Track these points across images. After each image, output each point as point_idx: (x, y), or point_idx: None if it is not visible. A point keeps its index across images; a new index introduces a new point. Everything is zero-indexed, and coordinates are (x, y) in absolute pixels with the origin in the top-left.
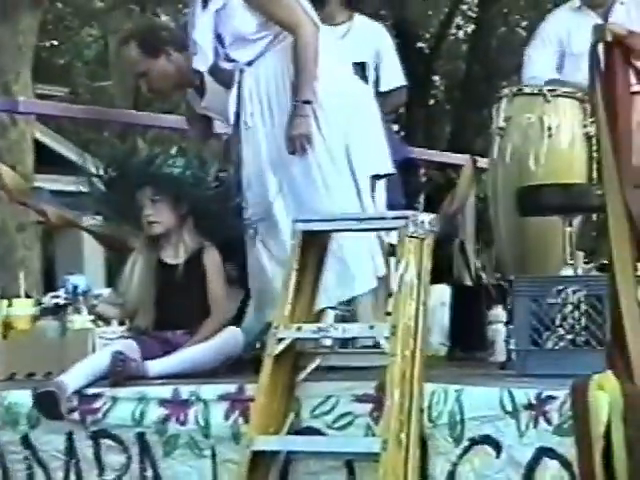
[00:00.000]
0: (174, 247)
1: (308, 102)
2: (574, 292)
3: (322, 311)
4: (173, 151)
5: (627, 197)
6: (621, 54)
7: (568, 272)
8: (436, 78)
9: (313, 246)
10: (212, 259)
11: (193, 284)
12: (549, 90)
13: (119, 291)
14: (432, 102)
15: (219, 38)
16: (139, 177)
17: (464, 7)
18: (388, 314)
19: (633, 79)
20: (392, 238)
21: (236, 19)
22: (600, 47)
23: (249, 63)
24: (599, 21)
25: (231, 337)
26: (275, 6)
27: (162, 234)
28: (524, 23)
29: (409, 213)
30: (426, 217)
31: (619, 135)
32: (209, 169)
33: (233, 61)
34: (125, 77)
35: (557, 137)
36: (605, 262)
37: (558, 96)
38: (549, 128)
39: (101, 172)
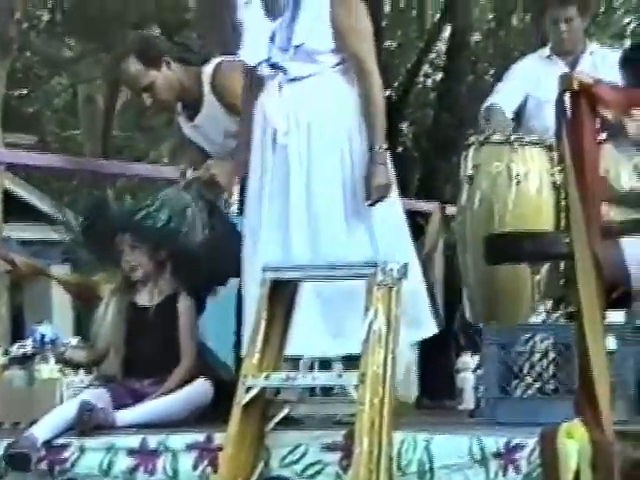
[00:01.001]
0: (149, 291)
1: (387, 149)
2: (542, 340)
3: None
4: (157, 203)
5: (594, 245)
6: (587, 103)
7: (536, 320)
8: (404, 126)
9: (282, 294)
10: (186, 306)
11: (164, 327)
12: (516, 139)
13: (92, 331)
14: (401, 149)
15: (272, 40)
16: (120, 225)
17: (432, 55)
18: None
19: (599, 128)
20: None
21: (312, 35)
22: (567, 96)
23: (292, 79)
24: (567, 70)
25: (200, 388)
26: (361, 43)
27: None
28: (492, 71)
29: (378, 261)
30: (395, 265)
31: (586, 184)
32: (195, 217)
33: (278, 69)
34: (93, 125)
35: (525, 185)
36: (573, 310)
37: (525, 144)
38: (517, 176)
39: (80, 219)
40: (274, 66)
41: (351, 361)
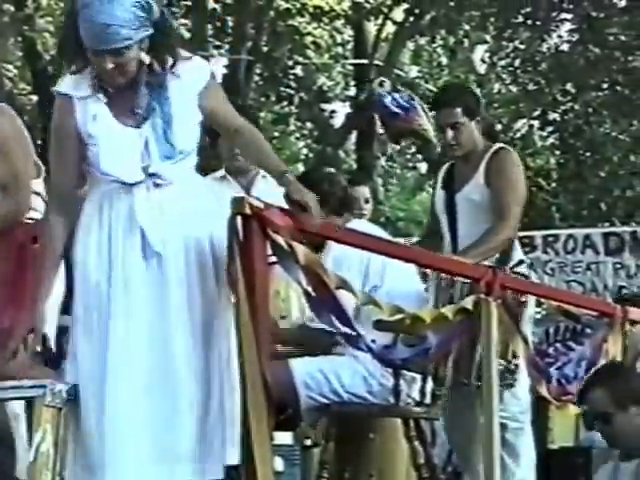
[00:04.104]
0: None
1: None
2: None
3: None
4: None
5: (264, 366)
6: (258, 226)
7: None
8: None
9: None
10: None
11: None
12: None
13: None
14: None
15: (147, 147)
16: None
17: None
18: None
19: (270, 250)
20: None
21: (189, 137)
22: (239, 218)
23: (158, 184)
24: (241, 191)
25: None
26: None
27: None
28: None
29: (47, 382)
30: (64, 386)
31: (257, 305)
32: None
33: (152, 176)
34: None
35: None
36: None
37: None
38: None
39: None
40: (151, 174)
41: None
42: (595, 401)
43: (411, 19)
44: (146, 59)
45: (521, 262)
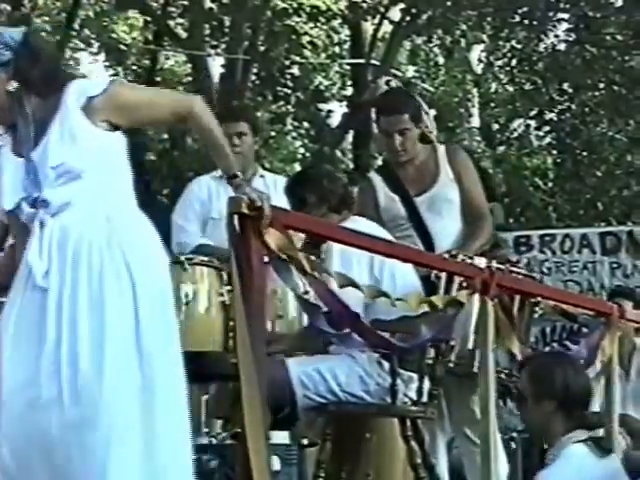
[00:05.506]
0: None
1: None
2: (209, 461)
3: None
4: None
5: (260, 365)
6: (255, 224)
7: (203, 441)
8: None
9: None
10: None
11: None
12: (186, 258)
13: None
14: None
15: (28, 174)
16: None
17: None
18: None
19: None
20: None
21: (71, 154)
22: (236, 217)
23: (55, 213)
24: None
25: None
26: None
27: None
28: (166, 191)
29: None
30: None
31: (253, 304)
32: None
33: (41, 203)
34: None
35: (194, 305)
36: (238, 430)
37: (196, 264)
38: (186, 296)
39: None
40: (35, 202)
41: None
42: (521, 381)
43: (408, 19)
44: (11, 86)
45: None
